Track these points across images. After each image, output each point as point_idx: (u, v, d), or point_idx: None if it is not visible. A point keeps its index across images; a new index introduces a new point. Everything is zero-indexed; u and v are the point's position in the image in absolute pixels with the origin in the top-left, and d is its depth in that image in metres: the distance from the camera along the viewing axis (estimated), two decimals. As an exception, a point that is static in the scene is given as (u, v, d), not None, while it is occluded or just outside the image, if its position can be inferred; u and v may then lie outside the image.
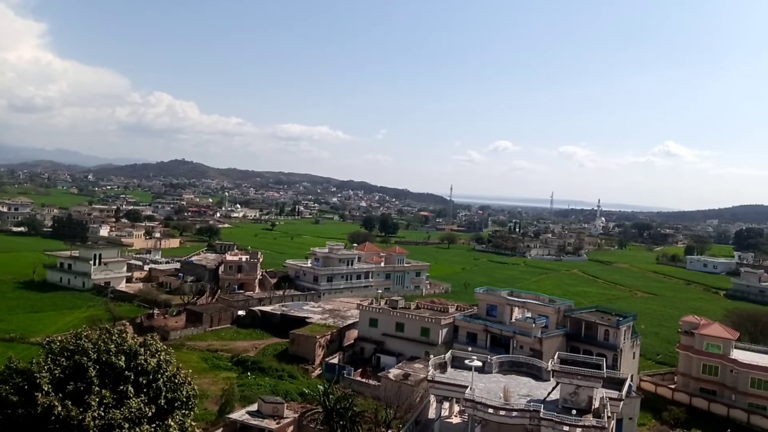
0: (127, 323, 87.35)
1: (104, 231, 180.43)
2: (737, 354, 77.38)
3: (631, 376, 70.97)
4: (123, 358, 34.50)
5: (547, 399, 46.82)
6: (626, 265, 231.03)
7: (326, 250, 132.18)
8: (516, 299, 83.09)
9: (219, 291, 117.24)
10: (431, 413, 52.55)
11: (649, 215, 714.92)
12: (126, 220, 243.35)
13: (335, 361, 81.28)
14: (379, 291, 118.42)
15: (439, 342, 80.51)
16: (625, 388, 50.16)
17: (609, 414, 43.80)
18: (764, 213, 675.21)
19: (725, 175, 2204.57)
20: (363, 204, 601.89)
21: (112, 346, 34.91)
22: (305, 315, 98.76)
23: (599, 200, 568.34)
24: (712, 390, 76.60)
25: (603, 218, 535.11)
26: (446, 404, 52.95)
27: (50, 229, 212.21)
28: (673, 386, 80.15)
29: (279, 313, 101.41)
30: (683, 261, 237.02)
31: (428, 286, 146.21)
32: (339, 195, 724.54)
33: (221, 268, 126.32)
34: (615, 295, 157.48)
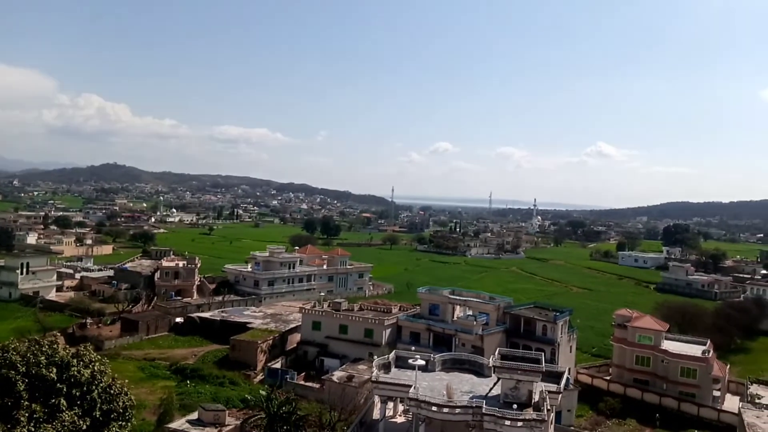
0: (59, 334, 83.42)
1: (32, 238, 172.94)
2: (667, 345, 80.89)
3: (569, 369, 73.31)
4: (54, 370, 33.27)
5: (489, 395, 47.70)
6: (562, 261, 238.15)
7: (267, 254, 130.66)
8: (457, 298, 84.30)
9: (155, 298, 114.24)
10: (376, 414, 52.68)
11: (583, 213, 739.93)
12: (55, 227, 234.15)
13: (278, 366, 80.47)
14: (322, 294, 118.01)
15: (383, 343, 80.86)
16: (563, 381, 51.58)
17: (548, 407, 44.97)
18: (690, 209, 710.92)
19: (653, 173, 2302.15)
20: (304, 206, 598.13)
21: (43, 358, 33.61)
22: (246, 320, 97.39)
23: (535, 199, 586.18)
24: (644, 380, 79.75)
25: (539, 217, 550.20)
26: (390, 404, 53.21)
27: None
28: (608, 378, 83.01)
29: (218, 319, 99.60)
30: (615, 257, 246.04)
31: (371, 288, 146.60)
32: (279, 198, 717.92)
33: (157, 275, 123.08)
34: (552, 291, 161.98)
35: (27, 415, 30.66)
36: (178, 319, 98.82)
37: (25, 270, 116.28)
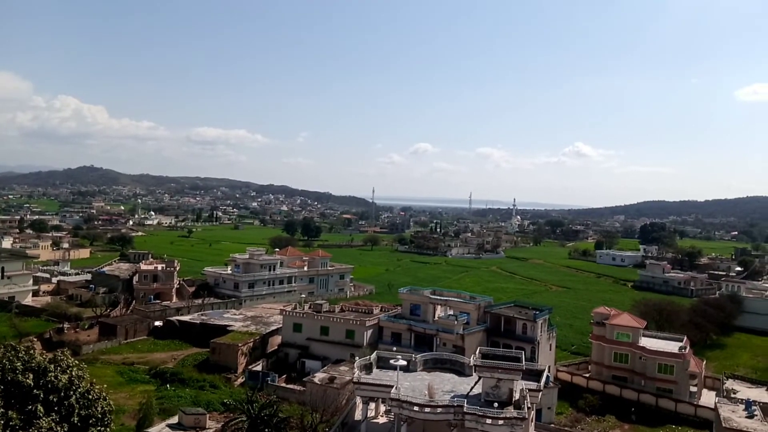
0: (35, 339, 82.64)
1: (7, 243, 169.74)
2: (645, 342, 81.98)
3: (549, 367, 73.83)
4: (31, 376, 32.79)
5: (470, 393, 47.95)
6: (541, 260, 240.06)
7: (247, 256, 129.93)
8: (438, 298, 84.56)
9: (134, 302, 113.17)
10: (357, 415, 52.68)
11: (561, 213, 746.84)
12: (31, 231, 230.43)
13: (259, 368, 80.00)
14: (303, 295, 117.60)
15: (365, 343, 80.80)
16: (543, 379, 52.04)
17: (529, 405, 45.34)
18: (666, 208, 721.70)
19: (629, 173, 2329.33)
20: (284, 208, 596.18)
21: (19, 363, 33.10)
22: (226, 323, 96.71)
23: (515, 199, 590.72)
24: (623, 377, 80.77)
25: (519, 216, 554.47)
26: (372, 405, 53.23)
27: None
28: (587, 375, 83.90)
29: (198, 322, 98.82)
30: (593, 255, 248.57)
31: (352, 289, 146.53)
32: (259, 199, 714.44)
33: (135, 278, 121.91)
34: (531, 290, 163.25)
35: (2, 422, 30.16)
36: (157, 323, 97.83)
37: (0, 274, 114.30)
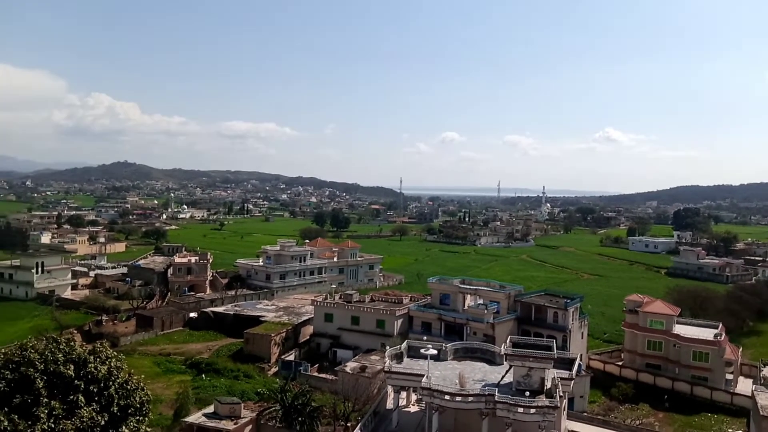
0: (75, 331, 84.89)
1: (46, 238, 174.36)
2: (679, 329, 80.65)
3: (581, 355, 72.99)
4: (72, 367, 33.67)
5: (501, 382, 47.87)
6: (572, 248, 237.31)
7: (278, 248, 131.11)
8: (468, 287, 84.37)
9: (169, 294, 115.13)
10: (389, 403, 53.03)
11: (592, 200, 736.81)
12: (68, 226, 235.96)
13: (291, 358, 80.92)
14: (333, 286, 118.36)
15: (395, 333, 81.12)
16: (575, 368, 51.69)
17: (561, 393, 45.11)
18: (700, 193, 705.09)
19: (661, 158, 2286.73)
20: (313, 200, 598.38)
21: (60, 355, 34.02)
22: (259, 314, 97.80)
23: (544, 187, 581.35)
24: (656, 365, 79.66)
25: (548, 204, 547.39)
26: (404, 394, 53.52)
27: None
28: (620, 363, 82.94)
29: (232, 313, 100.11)
30: (626, 242, 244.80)
31: (382, 279, 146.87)
32: (289, 192, 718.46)
33: (170, 271, 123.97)
34: (562, 278, 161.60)
35: (46, 411, 31.09)
36: (192, 314, 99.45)
37: (40, 269, 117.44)
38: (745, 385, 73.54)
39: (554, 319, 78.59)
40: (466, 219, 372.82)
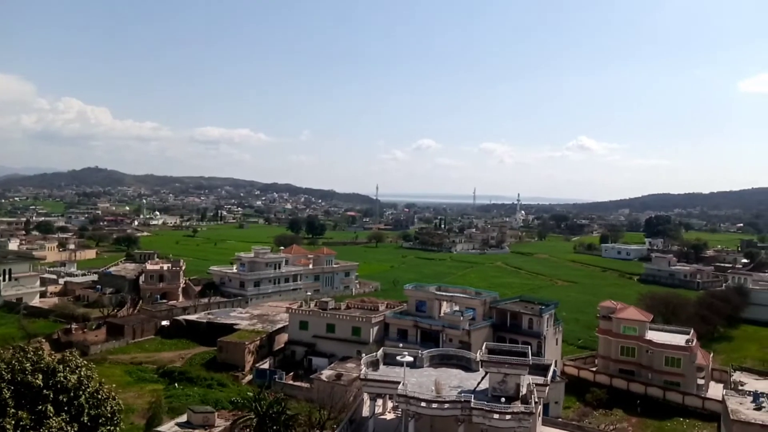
0: (43, 340, 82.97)
1: (13, 245, 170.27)
2: (652, 335, 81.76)
3: (555, 361, 73.85)
4: (40, 377, 32.98)
5: (477, 389, 48.00)
6: (546, 255, 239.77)
7: (252, 255, 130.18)
8: (444, 294, 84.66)
9: (140, 302, 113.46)
10: (365, 411, 52.77)
11: (566, 207, 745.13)
12: (37, 233, 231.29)
13: (266, 366, 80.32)
14: (309, 293, 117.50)
15: (371, 340, 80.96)
16: (550, 374, 52.07)
17: (536, 399, 45.37)
18: (671, 201, 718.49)
19: (633, 166, 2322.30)
20: (288, 206, 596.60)
21: (28, 364, 33.29)
22: (233, 321, 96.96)
23: (519, 194, 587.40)
24: (630, 370, 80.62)
25: (523, 211, 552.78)
26: (380, 401, 53.34)
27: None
28: (594, 369, 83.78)
29: (205, 321, 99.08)
30: (599, 249, 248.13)
31: (358, 286, 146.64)
32: (263, 198, 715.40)
33: (142, 278, 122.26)
34: (537, 285, 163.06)
35: (13, 423, 30.36)
36: (164, 322, 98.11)
37: (7, 276, 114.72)
38: (716, 390, 74.84)
39: (529, 325, 79.17)
40: (442, 226, 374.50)
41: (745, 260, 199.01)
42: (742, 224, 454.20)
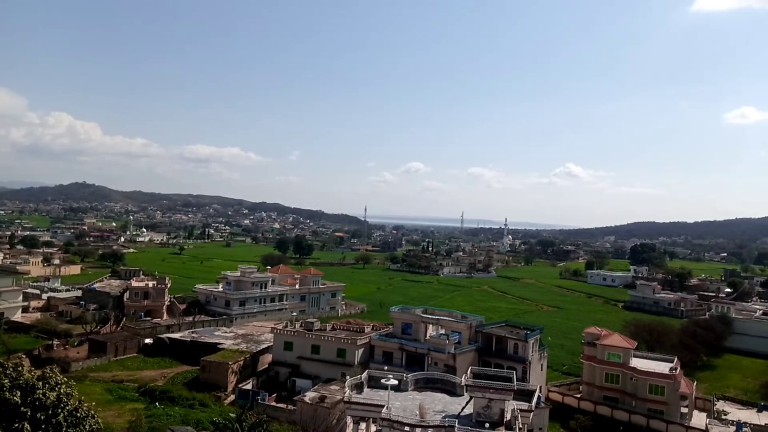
0: (23, 356, 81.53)
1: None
2: (636, 362, 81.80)
3: (540, 387, 73.53)
4: (18, 394, 32.37)
5: (462, 414, 47.69)
6: (532, 280, 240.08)
7: (238, 274, 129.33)
8: (430, 317, 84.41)
9: (124, 319, 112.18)
10: (348, 434, 52.20)
11: (553, 233, 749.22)
12: (22, 247, 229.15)
13: (249, 387, 79.29)
14: (294, 313, 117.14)
15: (356, 362, 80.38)
16: (535, 400, 51.90)
17: (520, 425, 45.15)
18: (656, 229, 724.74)
19: (620, 194, 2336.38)
20: (276, 226, 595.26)
21: (6, 381, 32.69)
22: (217, 341, 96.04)
23: (506, 219, 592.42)
24: (614, 397, 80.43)
25: (510, 236, 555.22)
26: (363, 425, 52.78)
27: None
28: (578, 395, 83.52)
29: (189, 339, 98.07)
30: (584, 275, 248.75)
31: (344, 307, 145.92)
32: (251, 217, 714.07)
33: (126, 295, 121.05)
34: (523, 310, 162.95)
35: (-11, 440, 29.71)
36: (148, 340, 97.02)
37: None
38: (699, 419, 74.91)
39: (515, 350, 78.99)
40: (430, 249, 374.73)
41: (728, 289, 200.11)
42: (726, 254, 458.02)
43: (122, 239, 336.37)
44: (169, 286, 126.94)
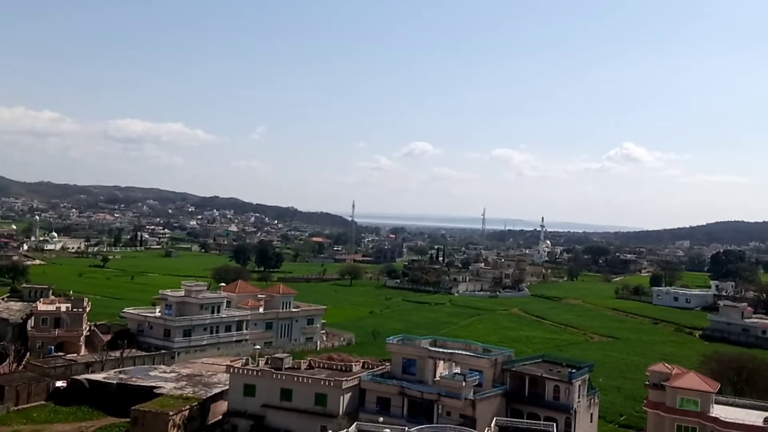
0: None
1: None
2: (718, 410, 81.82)
3: (590, 444, 73.83)
4: None
5: (484, 481, 47.81)
6: (578, 300, 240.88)
7: (182, 293, 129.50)
8: (441, 350, 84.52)
9: (28, 354, 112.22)
10: None
11: (606, 236, 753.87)
12: None
13: (197, 445, 79.50)
14: (258, 347, 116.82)
15: (341, 412, 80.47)
16: (582, 461, 52.05)
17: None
18: (746, 231, 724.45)
19: (697, 183, 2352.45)
20: (233, 228, 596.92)
21: None
22: (153, 384, 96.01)
23: (543, 218, 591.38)
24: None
25: (548, 241, 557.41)
26: (351, 496, 52.93)
27: None
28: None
29: (115, 382, 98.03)
30: (648, 294, 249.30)
31: (324, 338, 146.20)
32: (199, 217, 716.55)
33: (30, 323, 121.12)
34: (566, 340, 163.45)
35: None
36: (60, 383, 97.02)
37: None
38: (802, 486, 75.00)
39: (555, 395, 79.12)
40: (440, 258, 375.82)
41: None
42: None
43: (25, 247, 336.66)
44: (88, 310, 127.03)
